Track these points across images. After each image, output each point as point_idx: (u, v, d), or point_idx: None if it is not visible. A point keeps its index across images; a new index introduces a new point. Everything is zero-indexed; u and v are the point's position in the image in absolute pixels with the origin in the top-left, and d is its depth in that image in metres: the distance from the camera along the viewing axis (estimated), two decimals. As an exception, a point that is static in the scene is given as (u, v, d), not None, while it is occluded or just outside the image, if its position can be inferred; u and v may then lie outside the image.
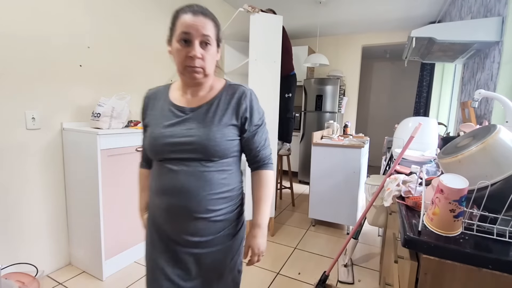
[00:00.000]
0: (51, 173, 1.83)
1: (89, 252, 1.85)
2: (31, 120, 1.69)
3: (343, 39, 4.66)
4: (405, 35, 4.05)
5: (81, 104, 1.95)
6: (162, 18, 2.54)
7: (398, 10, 3.50)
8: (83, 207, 1.84)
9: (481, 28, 1.69)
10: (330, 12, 3.63)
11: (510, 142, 0.69)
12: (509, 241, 0.65)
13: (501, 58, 1.61)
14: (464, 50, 1.97)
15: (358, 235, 2.02)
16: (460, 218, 0.66)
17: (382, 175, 2.13)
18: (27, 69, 1.65)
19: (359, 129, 5.53)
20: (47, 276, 1.82)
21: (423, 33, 1.78)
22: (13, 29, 1.56)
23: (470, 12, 2.33)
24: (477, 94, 1.29)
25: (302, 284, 1.85)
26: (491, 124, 0.78)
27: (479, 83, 1.98)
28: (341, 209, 2.59)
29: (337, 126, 3.17)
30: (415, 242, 0.67)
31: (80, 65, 1.92)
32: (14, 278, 1.46)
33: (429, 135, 1.70)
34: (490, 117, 1.66)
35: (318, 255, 2.22)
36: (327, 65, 3.86)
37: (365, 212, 1.61)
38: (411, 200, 0.90)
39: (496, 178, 0.66)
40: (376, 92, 6.01)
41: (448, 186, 0.63)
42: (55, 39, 1.76)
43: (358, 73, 4.68)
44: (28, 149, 1.70)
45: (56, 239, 1.89)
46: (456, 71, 3.25)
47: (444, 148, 0.86)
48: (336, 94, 4.21)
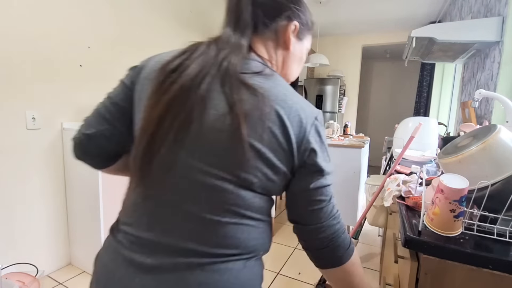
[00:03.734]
0: (51, 173, 1.83)
1: (90, 252, 1.85)
2: (31, 120, 1.69)
3: (343, 39, 4.65)
4: (405, 35, 4.03)
5: (81, 104, 1.95)
6: (162, 18, 2.54)
7: (398, 10, 3.50)
8: (83, 207, 1.84)
9: (481, 28, 1.69)
10: (330, 12, 3.63)
11: (511, 142, 0.69)
12: (509, 241, 0.65)
13: (501, 58, 1.61)
14: (464, 50, 1.96)
15: (358, 235, 2.02)
16: (460, 218, 0.66)
17: (382, 175, 2.12)
18: (27, 69, 1.65)
19: (359, 129, 5.52)
20: (48, 276, 1.82)
21: (423, 33, 1.78)
22: (13, 29, 1.56)
23: (470, 12, 2.32)
24: (477, 94, 1.29)
25: (302, 284, 1.85)
26: (491, 124, 0.78)
27: (479, 83, 1.98)
28: (341, 209, 2.52)
29: (337, 126, 3.17)
30: (415, 242, 0.67)
31: (80, 65, 1.92)
32: (14, 278, 1.46)
33: (429, 135, 1.70)
34: (490, 117, 1.66)
35: (318, 255, 2.22)
36: (327, 65, 3.86)
37: (365, 212, 1.61)
38: (411, 200, 0.90)
39: (496, 178, 0.66)
40: (376, 92, 6.00)
41: (448, 186, 0.63)
42: (55, 39, 1.76)
43: (358, 73, 4.68)
44: (28, 149, 1.70)
45: (56, 239, 1.89)
46: (456, 71, 3.25)
47: (444, 148, 0.86)
48: (336, 94, 4.21)
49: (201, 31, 3.00)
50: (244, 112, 0.45)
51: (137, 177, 0.50)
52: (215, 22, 3.20)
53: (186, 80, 0.46)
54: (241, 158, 0.46)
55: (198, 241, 0.47)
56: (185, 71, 0.47)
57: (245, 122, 0.45)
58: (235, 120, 0.45)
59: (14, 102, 1.61)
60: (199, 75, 0.47)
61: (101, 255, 0.54)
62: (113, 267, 0.49)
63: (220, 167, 0.46)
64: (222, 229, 0.47)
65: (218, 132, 0.46)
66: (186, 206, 0.47)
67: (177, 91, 0.46)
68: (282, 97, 0.49)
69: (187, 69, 0.47)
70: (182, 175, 0.47)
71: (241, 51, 0.50)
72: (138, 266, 0.47)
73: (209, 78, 0.47)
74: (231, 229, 0.48)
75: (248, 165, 0.46)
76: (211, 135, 0.46)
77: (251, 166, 0.46)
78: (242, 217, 0.49)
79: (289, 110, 0.48)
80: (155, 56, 0.56)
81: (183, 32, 2.77)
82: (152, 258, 0.47)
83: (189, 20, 2.84)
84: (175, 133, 0.46)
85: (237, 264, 0.49)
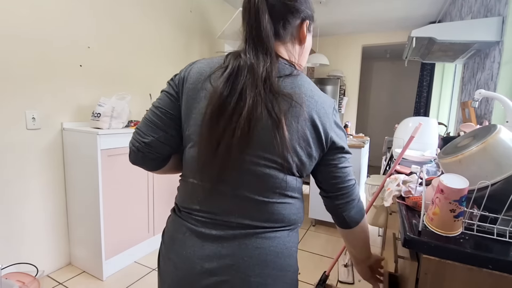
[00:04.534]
0: (51, 173, 1.83)
1: (89, 252, 1.85)
2: (31, 120, 1.69)
3: (343, 39, 4.65)
4: (405, 35, 4.04)
5: (81, 104, 1.95)
6: (162, 18, 2.54)
7: (398, 10, 3.50)
8: (83, 207, 1.84)
9: (481, 28, 1.69)
10: (330, 12, 3.63)
11: (511, 142, 0.69)
12: (509, 241, 0.65)
13: (501, 58, 1.61)
14: (464, 50, 1.97)
15: (358, 235, 2.01)
16: (460, 218, 0.66)
17: (382, 175, 2.12)
18: (27, 69, 1.65)
19: (359, 129, 5.52)
20: (47, 276, 1.82)
21: (423, 33, 1.78)
22: (13, 29, 1.56)
23: (470, 12, 2.32)
24: (477, 94, 1.29)
25: (302, 284, 1.85)
26: (491, 124, 0.78)
27: (479, 83, 1.98)
28: None
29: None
30: (415, 242, 0.67)
31: (80, 65, 1.92)
32: (14, 278, 1.46)
33: (429, 135, 1.70)
34: (490, 117, 1.66)
35: (318, 255, 2.22)
36: (327, 65, 3.86)
37: (365, 212, 1.61)
38: (411, 200, 0.90)
39: (496, 178, 0.66)
40: (376, 92, 6.01)
41: (448, 186, 0.63)
42: (55, 39, 1.76)
43: (358, 73, 4.67)
44: (28, 149, 1.70)
45: (56, 239, 1.89)
46: (456, 71, 3.25)
47: (444, 148, 0.86)
48: (336, 94, 4.21)
49: (201, 31, 3.00)
50: (283, 114, 0.57)
51: (200, 173, 0.61)
52: (215, 22, 3.20)
53: (246, 112, 0.55)
54: (284, 150, 0.57)
55: (252, 218, 0.60)
56: (241, 101, 0.56)
57: (284, 122, 0.56)
58: (276, 121, 0.56)
59: (14, 102, 1.61)
60: (253, 106, 0.56)
61: (170, 231, 0.67)
62: (184, 239, 0.63)
63: (267, 158, 0.58)
64: (270, 208, 0.61)
65: (264, 131, 0.57)
66: (241, 191, 0.59)
67: (241, 121, 0.55)
68: (309, 93, 0.61)
69: (243, 101, 0.56)
70: (238, 168, 0.58)
71: (272, 62, 0.58)
72: (205, 237, 0.60)
73: (260, 101, 0.56)
74: (277, 207, 0.61)
75: (289, 154, 0.58)
76: (259, 135, 0.57)
77: (291, 155, 0.59)
78: (285, 197, 0.62)
79: (315, 104, 0.60)
80: (194, 66, 0.64)
81: (183, 32, 2.76)
82: (216, 231, 0.60)
83: (189, 20, 2.84)
84: (235, 140, 0.56)
85: (283, 233, 0.63)
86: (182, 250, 0.62)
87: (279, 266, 0.61)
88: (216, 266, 0.59)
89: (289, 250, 0.64)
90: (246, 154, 0.58)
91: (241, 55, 0.59)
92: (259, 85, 0.56)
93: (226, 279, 0.59)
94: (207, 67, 0.62)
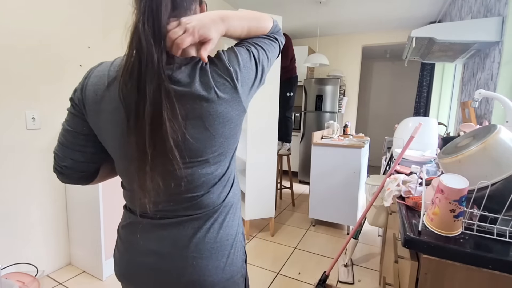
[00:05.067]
0: (51, 173, 1.83)
1: (89, 252, 1.85)
2: (31, 120, 1.69)
3: (343, 39, 4.66)
4: (405, 35, 4.04)
5: (81, 104, 1.95)
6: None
7: (398, 10, 3.50)
8: (83, 207, 1.84)
9: (481, 28, 1.69)
10: (330, 12, 3.63)
11: (510, 142, 0.69)
12: (509, 241, 0.65)
13: (501, 58, 1.61)
14: (464, 50, 1.97)
15: (358, 235, 2.02)
16: (460, 218, 0.66)
17: (382, 175, 2.13)
18: (27, 69, 1.65)
19: (359, 129, 5.52)
20: (47, 276, 1.82)
21: (423, 33, 1.78)
22: (13, 29, 1.56)
23: (470, 12, 2.33)
24: (477, 94, 1.29)
25: (302, 284, 1.85)
26: (491, 124, 0.78)
27: (479, 83, 1.98)
28: (341, 209, 2.59)
29: (337, 126, 3.17)
30: (415, 242, 0.67)
31: (80, 65, 1.92)
32: (14, 278, 1.46)
33: (429, 135, 1.70)
34: (490, 117, 1.66)
35: (318, 255, 2.22)
36: (327, 65, 3.86)
37: (365, 212, 1.61)
38: (411, 200, 0.90)
39: (496, 178, 0.66)
40: (376, 92, 6.00)
41: (448, 186, 0.63)
42: (55, 39, 1.76)
43: (358, 73, 4.68)
44: (28, 149, 1.70)
45: (56, 239, 1.89)
46: (456, 71, 3.25)
47: (444, 148, 0.86)
48: (336, 94, 4.21)
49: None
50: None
51: (130, 178, 0.61)
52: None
53: (151, 117, 0.51)
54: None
55: (186, 209, 0.61)
56: (144, 109, 0.51)
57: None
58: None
59: (14, 102, 1.61)
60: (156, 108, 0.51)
61: (122, 225, 0.70)
62: (135, 225, 0.65)
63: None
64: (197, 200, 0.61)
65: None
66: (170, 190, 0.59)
67: (149, 121, 0.51)
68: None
69: (144, 106, 0.51)
70: (166, 170, 0.57)
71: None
72: (152, 223, 0.63)
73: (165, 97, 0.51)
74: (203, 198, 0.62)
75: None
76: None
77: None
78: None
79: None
80: (91, 75, 0.62)
81: (183, 32, 2.76)
82: (160, 219, 0.62)
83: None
84: (156, 146, 0.53)
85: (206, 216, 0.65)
86: (135, 233, 0.65)
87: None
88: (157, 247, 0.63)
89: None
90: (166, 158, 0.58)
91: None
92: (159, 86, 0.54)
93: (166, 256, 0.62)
94: (105, 71, 0.61)
